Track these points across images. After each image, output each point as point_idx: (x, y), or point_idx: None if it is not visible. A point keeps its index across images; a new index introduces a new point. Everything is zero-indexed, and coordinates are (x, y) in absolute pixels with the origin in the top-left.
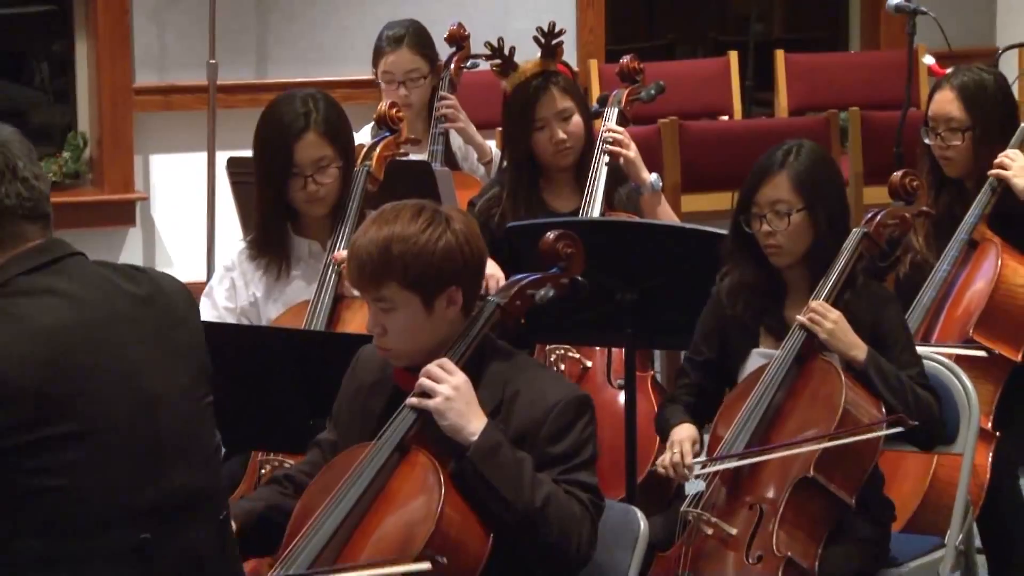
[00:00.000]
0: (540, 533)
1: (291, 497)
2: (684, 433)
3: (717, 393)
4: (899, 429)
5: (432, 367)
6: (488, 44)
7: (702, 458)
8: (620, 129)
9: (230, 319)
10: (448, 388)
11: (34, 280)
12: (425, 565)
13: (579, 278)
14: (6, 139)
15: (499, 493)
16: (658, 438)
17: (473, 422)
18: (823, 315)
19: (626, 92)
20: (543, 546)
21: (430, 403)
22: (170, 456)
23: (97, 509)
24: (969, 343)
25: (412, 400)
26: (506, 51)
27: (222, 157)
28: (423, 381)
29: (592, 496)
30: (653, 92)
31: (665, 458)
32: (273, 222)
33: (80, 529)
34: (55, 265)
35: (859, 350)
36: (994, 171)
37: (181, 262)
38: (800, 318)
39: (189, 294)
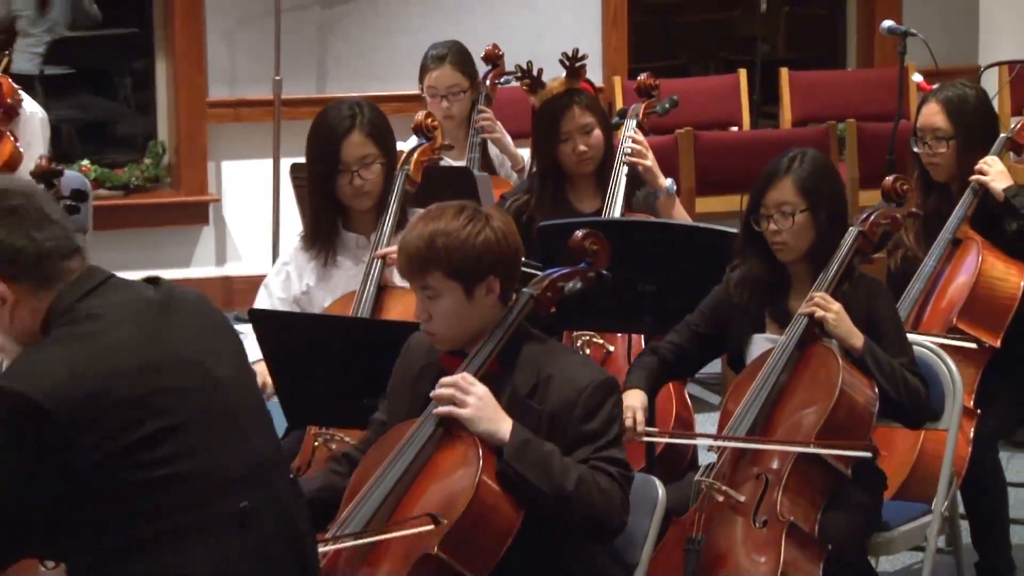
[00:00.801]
0: (577, 511)
1: (344, 476)
2: (636, 401)
3: (696, 361)
4: None
5: (456, 378)
6: (518, 66)
7: (653, 428)
8: (641, 139)
9: (281, 307)
10: (474, 399)
11: (89, 303)
12: (428, 527)
13: (604, 272)
14: (33, 191)
15: (535, 485)
16: (674, 412)
17: (502, 426)
18: (826, 307)
19: (643, 106)
20: (582, 521)
21: (463, 412)
22: (246, 427)
23: (198, 489)
24: (954, 331)
25: (443, 410)
26: (534, 72)
27: (286, 163)
28: (447, 392)
29: (621, 469)
30: (667, 106)
31: None
32: (324, 216)
33: (186, 509)
34: (100, 288)
35: (857, 338)
36: (974, 177)
37: (248, 257)
38: (805, 309)
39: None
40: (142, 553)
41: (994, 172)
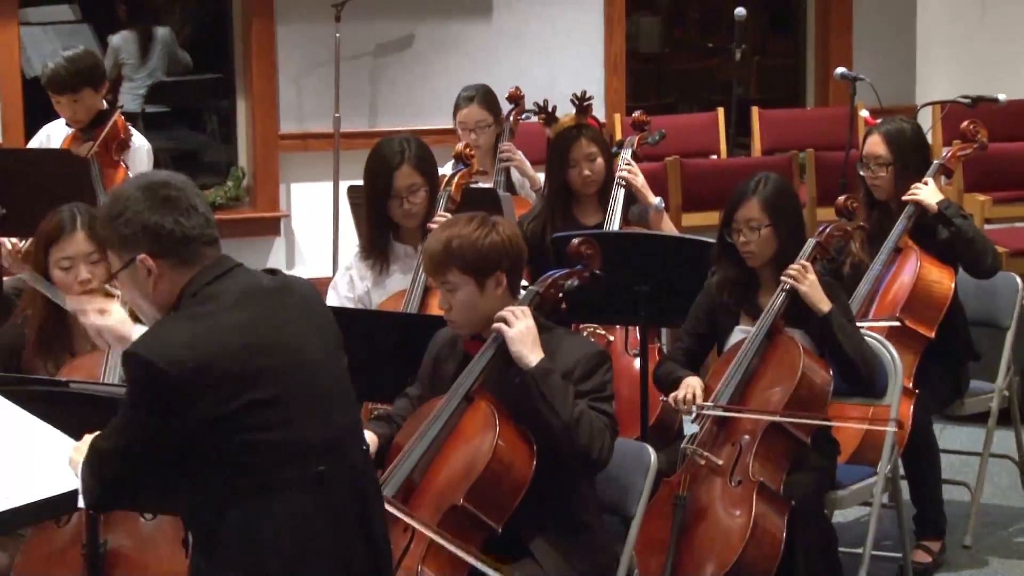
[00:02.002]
0: (575, 438)
1: (386, 429)
2: (696, 381)
3: (701, 357)
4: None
5: (513, 308)
6: (536, 104)
7: (709, 403)
8: (632, 166)
9: (349, 304)
10: (522, 324)
11: (216, 287)
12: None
13: (597, 271)
14: (184, 184)
15: (551, 404)
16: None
17: (534, 353)
18: (804, 274)
19: (637, 138)
20: (576, 448)
21: (508, 330)
22: (331, 405)
23: (283, 453)
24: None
25: (497, 325)
26: (549, 108)
27: (344, 186)
28: (502, 316)
29: (611, 422)
30: (657, 138)
31: (679, 394)
32: (378, 233)
33: (277, 468)
34: (227, 275)
35: (825, 304)
36: (910, 196)
37: (313, 263)
38: (786, 275)
39: (313, 286)
40: (236, 505)
41: (927, 191)
